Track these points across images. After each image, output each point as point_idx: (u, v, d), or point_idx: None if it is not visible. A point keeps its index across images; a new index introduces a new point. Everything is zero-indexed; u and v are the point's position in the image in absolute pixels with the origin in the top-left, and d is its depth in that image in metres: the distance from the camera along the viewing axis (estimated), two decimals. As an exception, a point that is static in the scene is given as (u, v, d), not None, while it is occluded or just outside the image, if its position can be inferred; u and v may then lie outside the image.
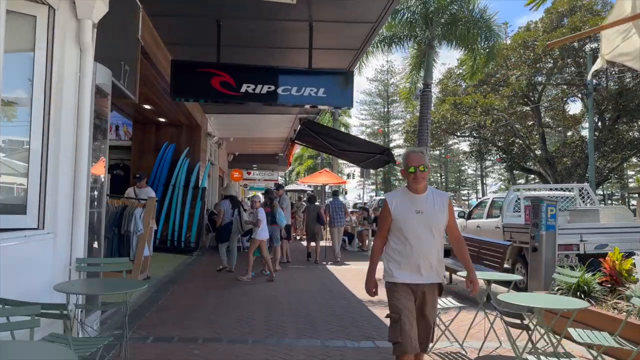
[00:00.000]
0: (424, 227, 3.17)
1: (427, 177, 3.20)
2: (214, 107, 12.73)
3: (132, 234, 7.40)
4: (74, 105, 4.21)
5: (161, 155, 11.91)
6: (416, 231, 3.16)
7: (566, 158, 31.23)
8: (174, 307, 6.31)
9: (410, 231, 3.16)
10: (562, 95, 35.38)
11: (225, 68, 6.50)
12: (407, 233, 3.16)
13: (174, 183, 11.85)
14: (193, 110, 11.24)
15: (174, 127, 12.35)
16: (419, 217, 3.15)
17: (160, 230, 11.72)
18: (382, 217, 3.32)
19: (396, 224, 3.21)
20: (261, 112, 13.20)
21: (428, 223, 3.17)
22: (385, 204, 3.30)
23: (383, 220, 3.31)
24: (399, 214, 3.19)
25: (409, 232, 3.16)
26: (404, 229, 3.17)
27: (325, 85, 6.64)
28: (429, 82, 10.53)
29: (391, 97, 61.85)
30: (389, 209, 3.23)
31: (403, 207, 3.20)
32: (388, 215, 3.24)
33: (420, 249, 3.16)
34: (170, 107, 10.32)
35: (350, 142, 14.12)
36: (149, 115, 11.47)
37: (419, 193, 3.21)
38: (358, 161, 15.53)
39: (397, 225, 3.20)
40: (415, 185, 3.19)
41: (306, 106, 7.32)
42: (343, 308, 6.53)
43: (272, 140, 18.99)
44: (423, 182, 3.20)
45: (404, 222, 3.17)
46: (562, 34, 28.59)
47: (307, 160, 44.57)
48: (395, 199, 3.25)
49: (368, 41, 7.48)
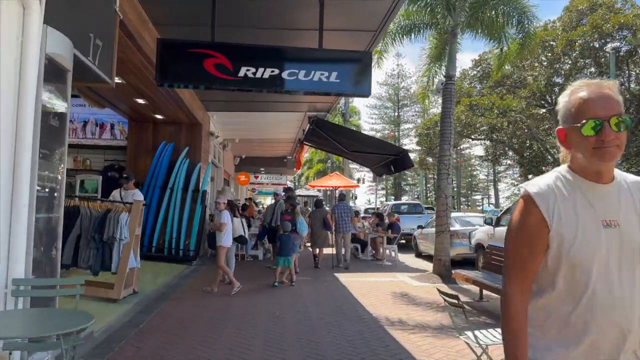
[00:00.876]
0: (620, 257, 1.46)
1: (623, 146, 1.45)
2: (215, 104, 11.79)
3: (116, 242, 6.41)
4: (14, 79, 3.24)
5: (158, 155, 10.95)
6: (606, 266, 1.45)
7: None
8: (156, 332, 5.29)
9: (594, 268, 1.44)
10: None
11: (221, 48, 5.50)
12: (589, 273, 1.44)
13: (172, 186, 10.88)
14: (192, 106, 10.28)
15: (172, 125, 11.40)
16: (609, 236, 1.46)
17: (157, 237, 10.76)
18: (521, 239, 1.52)
19: (562, 252, 1.46)
20: (267, 110, 12.23)
21: (630, 247, 1.47)
22: (529, 206, 1.51)
23: (523, 244, 1.51)
24: (569, 230, 1.46)
25: (592, 271, 1.44)
26: (581, 263, 1.44)
27: (338, 69, 5.61)
28: (452, 74, 9.49)
29: (402, 101, 60.97)
30: (543, 219, 1.48)
31: (574, 214, 1.47)
32: (540, 234, 1.48)
33: (612, 306, 1.44)
34: (166, 102, 9.36)
35: (363, 141, 13.09)
36: (144, 112, 10.52)
37: (605, 181, 1.51)
38: (371, 164, 14.49)
39: (566, 255, 1.45)
40: (601, 163, 1.46)
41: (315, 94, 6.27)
42: (359, 333, 5.47)
43: (280, 141, 18.02)
44: (614, 159, 1.47)
45: (581, 250, 1.44)
46: (583, 33, 27.48)
47: (317, 164, 43.56)
48: (552, 197, 1.49)
49: (387, 20, 6.46)
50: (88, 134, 11.90)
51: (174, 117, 10.85)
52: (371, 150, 13.05)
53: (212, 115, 12.71)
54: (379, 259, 13.19)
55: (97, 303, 6.16)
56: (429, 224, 15.24)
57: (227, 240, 7.83)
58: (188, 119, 11.01)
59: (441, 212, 9.63)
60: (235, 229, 9.02)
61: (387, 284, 8.94)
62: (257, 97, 10.79)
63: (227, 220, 7.83)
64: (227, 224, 7.76)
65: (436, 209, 10.14)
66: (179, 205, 10.82)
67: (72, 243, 6.24)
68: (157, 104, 9.59)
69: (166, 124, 11.35)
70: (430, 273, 9.88)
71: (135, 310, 6.13)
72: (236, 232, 8.97)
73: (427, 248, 14.74)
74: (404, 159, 11.50)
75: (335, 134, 12.70)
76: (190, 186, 10.90)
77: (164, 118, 10.90)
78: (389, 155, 12.21)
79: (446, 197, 9.67)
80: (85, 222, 6.34)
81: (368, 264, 12.37)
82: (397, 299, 7.53)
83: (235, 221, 9.10)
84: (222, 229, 7.74)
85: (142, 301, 6.65)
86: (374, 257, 13.49)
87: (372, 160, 14.04)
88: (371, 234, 13.73)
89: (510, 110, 29.00)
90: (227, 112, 12.40)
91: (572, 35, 27.79)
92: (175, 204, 10.80)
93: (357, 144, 13.11)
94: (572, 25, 29.30)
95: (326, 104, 11.64)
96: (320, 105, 11.79)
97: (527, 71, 32.93)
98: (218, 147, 15.96)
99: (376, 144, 13.62)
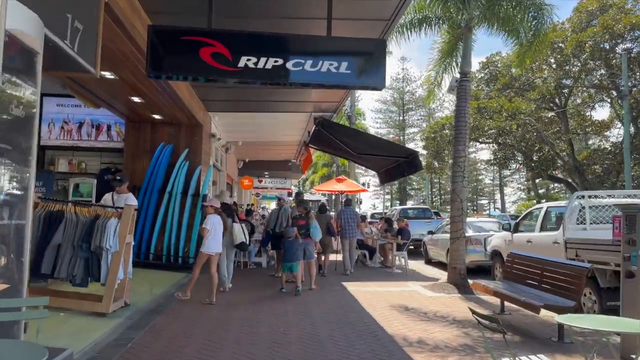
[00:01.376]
0: None
1: None
2: (217, 105, 11.25)
3: (104, 252, 5.84)
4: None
5: (156, 157, 10.40)
6: None
7: (597, 166, 29.28)
8: (145, 353, 4.72)
9: None
10: (589, 100, 33.62)
11: (219, 36, 4.95)
12: None
13: (171, 189, 10.31)
14: (192, 105, 9.75)
15: (171, 126, 10.85)
16: None
17: (155, 244, 10.20)
18: None
19: None
20: (271, 110, 11.68)
21: None
22: None
23: None
24: None
25: None
26: None
27: (349, 58, 5.04)
28: (467, 70, 8.93)
29: (407, 105, 60.58)
30: None
31: None
32: None
33: None
34: (163, 100, 8.82)
35: (371, 143, 12.52)
36: (141, 112, 9.98)
37: None
38: (379, 167, 13.92)
39: None
40: None
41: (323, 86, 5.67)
42: (373, 353, 4.88)
43: (284, 144, 17.48)
44: None
45: None
46: (594, 34, 26.85)
47: (322, 168, 42.99)
48: None
49: (403, 7, 5.89)
50: (84, 135, 11.37)
51: (173, 117, 10.31)
52: (379, 152, 12.50)
53: (214, 116, 12.17)
54: (387, 267, 12.59)
55: (84, 317, 5.60)
56: (440, 229, 14.64)
57: (211, 246, 7.31)
58: (188, 119, 10.47)
59: (456, 217, 9.01)
60: (235, 235, 8.50)
61: (399, 295, 8.33)
62: (260, 95, 10.25)
63: (210, 226, 7.32)
64: (209, 230, 7.25)
65: (450, 214, 9.52)
66: (178, 210, 10.26)
67: (53, 251, 5.69)
68: (154, 103, 9.05)
69: (165, 124, 10.81)
70: (444, 282, 9.27)
71: (125, 326, 5.56)
72: (237, 239, 8.43)
73: (437, 254, 14.14)
74: (414, 161, 10.95)
75: (342, 135, 12.14)
76: (190, 190, 10.34)
77: (162, 118, 10.36)
78: (399, 158, 11.65)
79: (461, 201, 9.06)
80: (70, 228, 5.79)
81: (377, 272, 11.77)
82: (412, 313, 6.92)
83: (235, 227, 8.58)
84: (203, 234, 7.31)
85: (134, 315, 6.08)
86: (383, 264, 12.89)
87: (379, 163, 13.48)
88: (380, 240, 13.13)
89: (520, 112, 28.33)
90: (229, 112, 11.87)
91: (582, 37, 27.18)
92: (174, 209, 10.24)
93: (364, 146, 12.54)
94: (581, 26, 28.70)
95: (332, 104, 11.08)
96: (325, 105, 11.23)
97: (536, 73, 32.26)
98: (220, 150, 15.42)
99: (385, 145, 13.04)
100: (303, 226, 8.66)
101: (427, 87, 11.37)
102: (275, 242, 10.10)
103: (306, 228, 8.67)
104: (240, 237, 8.56)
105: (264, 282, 9.55)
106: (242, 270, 11.09)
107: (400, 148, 12.98)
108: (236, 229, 8.54)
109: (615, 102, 32.87)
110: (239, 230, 8.65)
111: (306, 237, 8.67)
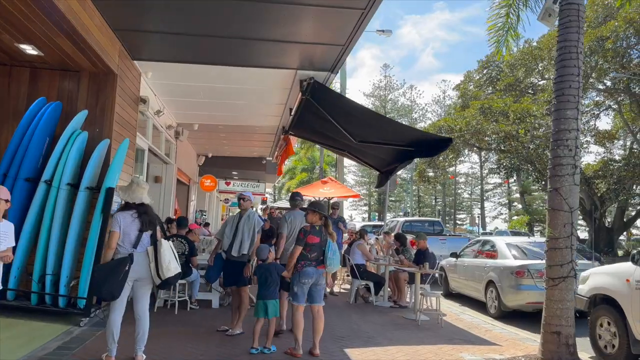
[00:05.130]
0: None
1: None
2: (150, 48, 7.02)
3: None
4: None
5: (27, 121, 6.05)
6: None
7: (604, 179, 25.95)
8: None
9: None
10: (594, 107, 30.58)
11: None
12: None
13: (51, 178, 5.98)
14: (98, 39, 5.52)
15: (61, 74, 6.55)
16: None
17: (18, 271, 5.85)
18: None
19: None
20: (236, 63, 7.49)
21: None
22: None
23: None
24: None
25: None
26: None
27: None
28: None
29: (389, 113, 57.46)
30: None
31: None
32: None
33: None
34: (37, 18, 4.57)
35: (381, 126, 8.44)
36: (7, 44, 5.68)
37: None
38: (383, 164, 9.89)
39: None
40: None
41: None
42: None
43: (257, 133, 13.24)
44: None
45: None
46: (615, 27, 23.60)
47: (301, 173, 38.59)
48: None
49: None
50: None
51: (64, 57, 6.03)
52: (391, 138, 8.50)
53: (146, 71, 7.90)
54: (402, 306, 8.48)
55: None
56: (465, 251, 10.68)
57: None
58: (90, 63, 6.19)
59: (561, 241, 4.85)
60: (162, 259, 4.42)
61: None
62: (219, 29, 6.07)
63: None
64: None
65: (548, 232, 5.28)
66: (62, 214, 5.91)
67: None
68: (18, 21, 4.77)
69: (53, 71, 6.50)
70: (534, 355, 5.15)
71: None
72: (164, 268, 4.32)
73: (462, 286, 10.19)
74: (438, 143, 7.48)
75: (341, 110, 8.07)
76: (85, 179, 6.00)
77: (40, 55, 6.04)
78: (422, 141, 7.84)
79: (571, 209, 4.92)
80: None
81: (389, 319, 7.55)
82: None
83: (163, 245, 4.45)
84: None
85: None
86: (396, 302, 8.72)
87: (386, 159, 9.51)
88: (390, 267, 8.94)
89: (530, 115, 24.76)
90: (170, 62, 7.55)
91: (602, 31, 23.86)
92: (55, 211, 5.88)
93: (372, 130, 8.52)
94: (598, 21, 25.54)
95: (331, 50, 6.85)
96: (320, 55, 7.07)
97: (544, 73, 28.95)
98: (166, 134, 11.13)
99: (405, 130, 9.01)
100: (316, 246, 4.70)
101: (492, 35, 7.23)
102: (231, 272, 5.83)
103: (320, 249, 4.70)
104: (168, 267, 4.43)
105: (211, 337, 5.32)
106: (179, 312, 6.83)
107: (431, 137, 8.96)
108: (164, 248, 4.46)
109: (626, 108, 29.76)
110: (168, 250, 4.51)
111: (320, 264, 4.69)
